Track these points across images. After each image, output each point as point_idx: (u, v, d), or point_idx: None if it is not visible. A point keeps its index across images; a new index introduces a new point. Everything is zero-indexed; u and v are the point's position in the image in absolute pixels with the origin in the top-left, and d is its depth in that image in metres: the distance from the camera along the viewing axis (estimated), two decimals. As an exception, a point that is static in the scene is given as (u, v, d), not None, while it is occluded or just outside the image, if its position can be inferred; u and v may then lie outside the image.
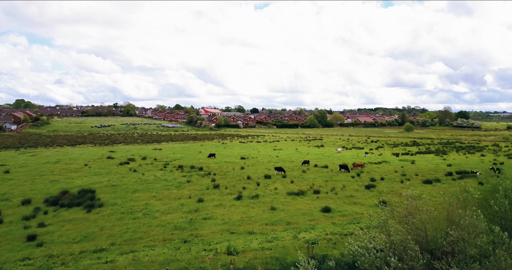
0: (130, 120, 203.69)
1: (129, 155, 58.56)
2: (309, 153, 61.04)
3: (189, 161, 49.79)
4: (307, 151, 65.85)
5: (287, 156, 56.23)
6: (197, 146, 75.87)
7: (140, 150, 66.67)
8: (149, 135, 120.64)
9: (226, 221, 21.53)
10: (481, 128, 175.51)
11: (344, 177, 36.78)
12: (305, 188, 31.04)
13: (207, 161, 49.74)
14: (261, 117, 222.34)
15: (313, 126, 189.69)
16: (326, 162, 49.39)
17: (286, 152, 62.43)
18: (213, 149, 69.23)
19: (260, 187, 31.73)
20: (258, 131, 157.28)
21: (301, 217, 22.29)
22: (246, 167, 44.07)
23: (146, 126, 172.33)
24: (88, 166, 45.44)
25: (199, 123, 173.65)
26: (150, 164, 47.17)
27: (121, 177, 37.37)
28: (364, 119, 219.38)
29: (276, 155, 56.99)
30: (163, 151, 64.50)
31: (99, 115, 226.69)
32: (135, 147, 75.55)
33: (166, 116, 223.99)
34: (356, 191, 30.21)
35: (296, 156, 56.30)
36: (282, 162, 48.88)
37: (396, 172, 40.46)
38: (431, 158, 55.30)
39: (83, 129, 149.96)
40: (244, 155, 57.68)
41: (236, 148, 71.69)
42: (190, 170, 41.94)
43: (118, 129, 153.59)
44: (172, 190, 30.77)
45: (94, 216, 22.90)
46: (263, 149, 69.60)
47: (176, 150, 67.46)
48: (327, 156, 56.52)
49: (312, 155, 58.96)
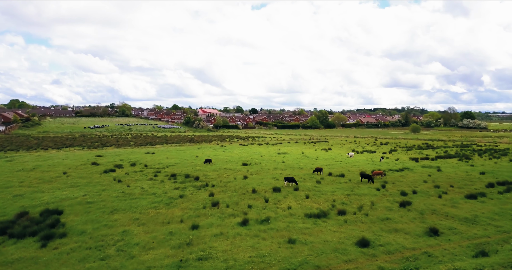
0: (125, 121, 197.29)
1: (117, 160, 52.41)
2: (318, 158, 55.02)
3: (183, 168, 43.69)
4: (315, 155, 59.82)
5: (294, 162, 50.20)
6: (193, 150, 69.75)
7: (131, 154, 60.49)
8: (143, 136, 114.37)
9: (230, 263, 15.48)
10: (487, 129, 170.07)
11: (367, 190, 30.79)
12: (326, 207, 25.01)
13: (205, 168, 43.64)
14: (261, 117, 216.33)
15: (314, 127, 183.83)
16: (340, 169, 43.42)
17: (292, 157, 56.39)
18: (211, 152, 63.12)
19: (270, 204, 25.68)
20: (258, 132, 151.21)
21: (333, 256, 16.26)
22: (249, 176, 38.02)
23: (142, 127, 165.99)
24: (66, 175, 39.24)
25: (196, 124, 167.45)
26: (139, 172, 41.06)
27: (101, 189, 31.24)
28: (366, 120, 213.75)
29: (282, 161, 50.94)
30: (155, 156, 58.34)
31: (94, 115, 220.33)
32: (126, 150, 69.34)
33: (163, 117, 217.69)
34: (390, 211, 24.21)
35: (305, 162, 50.27)
36: (290, 169, 42.88)
37: (426, 183, 34.54)
38: (455, 164, 49.37)
39: (75, 130, 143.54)
40: (246, 160, 51.63)
41: (236, 151, 65.62)
42: (184, 180, 35.84)
43: (112, 130, 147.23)
44: (160, 209, 24.67)
45: (49, 255, 16.76)
46: (266, 152, 63.56)
47: (171, 154, 61.30)
48: (339, 162, 50.51)
49: (321, 160, 52.95)
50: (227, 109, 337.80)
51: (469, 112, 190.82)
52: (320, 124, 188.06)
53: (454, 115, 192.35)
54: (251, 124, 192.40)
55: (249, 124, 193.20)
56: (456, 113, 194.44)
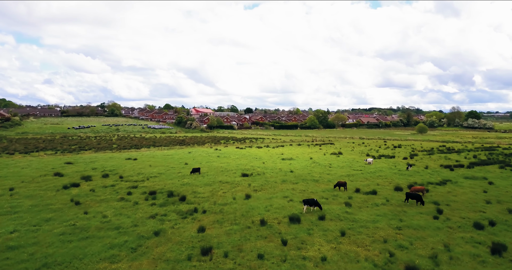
0: (113, 121, 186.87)
1: (89, 169, 42.97)
2: (332, 165, 46.05)
3: (168, 182, 34.46)
4: (325, 161, 50.88)
5: (304, 171, 41.18)
6: (183, 154, 60.40)
7: (108, 161, 51.01)
8: (130, 138, 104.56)
9: None
10: (494, 129, 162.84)
11: (422, 218, 21.96)
12: (378, 254, 16.11)
13: (194, 181, 34.44)
14: (257, 117, 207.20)
15: (313, 127, 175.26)
16: (366, 182, 34.53)
17: (300, 164, 47.36)
18: (204, 158, 53.86)
19: (291, 251, 16.65)
20: (255, 133, 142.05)
21: None
22: (253, 193, 28.95)
23: (130, 127, 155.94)
24: (12, 192, 29.83)
25: (189, 124, 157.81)
26: (109, 188, 31.77)
27: (45, 219, 21.95)
28: (366, 119, 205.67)
29: (289, 169, 41.87)
30: (137, 163, 48.96)
31: (81, 115, 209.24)
32: (104, 155, 59.76)
33: (154, 116, 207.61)
34: (483, 264, 15.31)
35: (317, 171, 41.26)
36: (302, 182, 33.88)
37: (491, 204, 25.90)
38: (500, 173, 40.75)
39: (57, 131, 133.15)
40: (245, 168, 42.55)
41: (233, 156, 56.42)
42: (166, 200, 26.69)
43: (97, 131, 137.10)
44: (118, 263, 15.49)
45: None
46: (267, 158, 54.48)
47: (155, 160, 51.93)
48: (358, 171, 41.59)
49: (336, 168, 43.99)
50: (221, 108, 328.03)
51: (474, 112, 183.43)
52: (319, 124, 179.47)
53: (458, 114, 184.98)
54: (247, 124, 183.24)
55: (244, 124, 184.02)
56: (461, 113, 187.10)
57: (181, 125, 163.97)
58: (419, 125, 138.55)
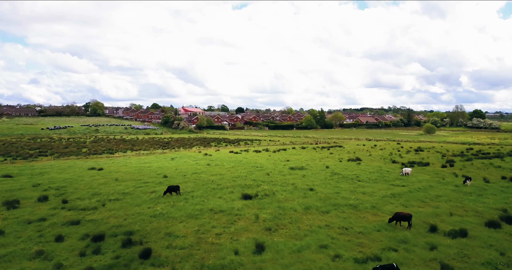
0: (95, 121, 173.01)
1: (28, 186, 30.80)
2: (360, 178, 34.62)
3: (130, 211, 22.60)
4: (347, 170, 39.50)
5: (329, 188, 29.68)
6: (164, 162, 48.37)
7: (63, 172, 38.73)
8: (107, 140, 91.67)
9: None
10: (500, 129, 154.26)
11: None
12: None
13: (172, 212, 22.64)
14: (250, 117, 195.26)
15: (310, 127, 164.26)
16: (431, 209, 23.29)
17: (318, 176, 35.80)
18: (189, 168, 41.96)
19: None
20: (249, 133, 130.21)
21: None
22: (266, 239, 17.49)
23: (112, 127, 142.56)
24: None
25: (176, 124, 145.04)
26: (33, 225, 19.94)
27: None
28: (365, 119, 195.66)
29: (308, 186, 30.29)
30: (100, 175, 36.82)
31: (60, 115, 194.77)
32: (64, 163, 47.34)
33: (139, 116, 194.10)
34: None
35: (347, 188, 29.77)
36: (337, 212, 22.44)
37: None
38: None
39: (28, 132, 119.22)
40: (246, 184, 30.90)
41: (227, 164, 44.63)
42: (118, 255, 14.91)
43: (73, 132, 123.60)
44: None
45: None
46: (271, 166, 42.90)
47: (126, 171, 39.83)
48: (402, 187, 30.27)
49: (368, 182, 32.57)
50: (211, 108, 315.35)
51: (479, 111, 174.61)
52: (316, 124, 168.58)
53: (462, 114, 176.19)
54: (239, 124, 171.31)
55: (237, 124, 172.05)
56: (465, 112, 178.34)
57: (167, 126, 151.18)
58: (427, 125, 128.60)
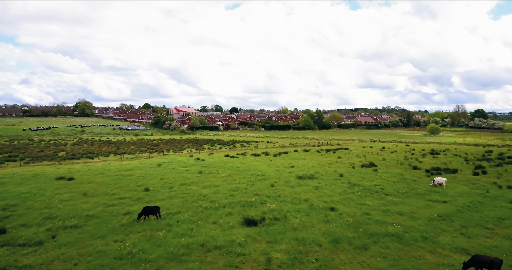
0: (82, 121, 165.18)
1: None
2: (386, 191, 28.32)
3: (87, 250, 15.89)
4: (365, 180, 33.23)
5: (353, 207, 23.35)
6: (149, 169, 41.63)
7: (23, 184, 31.84)
8: (90, 142, 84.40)
9: None
10: (504, 129, 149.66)
11: None
12: None
13: (147, 249, 15.99)
14: (245, 117, 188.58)
15: (308, 128, 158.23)
16: (507, 242, 16.84)
17: (334, 189, 29.40)
18: (178, 176, 35.32)
19: None
20: (245, 134, 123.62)
21: None
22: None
23: (99, 128, 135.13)
24: None
25: (167, 125, 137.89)
26: None
27: None
28: (364, 119, 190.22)
29: (327, 205, 23.90)
30: (67, 188, 30.06)
31: (46, 115, 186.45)
32: (31, 170, 40.31)
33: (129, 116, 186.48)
34: None
35: (374, 206, 23.41)
36: (379, 248, 15.98)
37: None
38: None
39: (8, 133, 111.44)
40: (247, 202, 24.40)
41: (223, 172, 38.05)
42: None
43: (57, 133, 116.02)
44: None
45: None
46: (274, 174, 36.46)
47: (101, 181, 33.05)
48: (451, 206, 23.93)
49: (399, 196, 26.25)
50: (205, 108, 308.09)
51: (481, 111, 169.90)
52: (314, 124, 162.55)
53: (463, 114, 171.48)
54: (234, 125, 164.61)
55: (231, 124, 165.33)
56: (466, 112, 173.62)
57: (158, 126, 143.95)
58: (431, 126, 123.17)
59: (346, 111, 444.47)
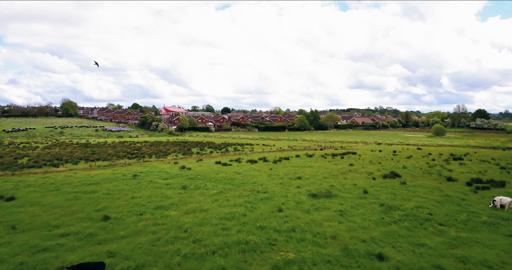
0: (64, 122, 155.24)
1: None
2: (439, 219, 20.65)
3: None
4: (404, 200, 25.68)
5: (413, 256, 15.47)
6: (119, 182, 33.37)
7: None
8: (65, 145, 75.37)
9: None
10: (506, 130, 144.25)
11: None
12: None
13: None
14: (238, 117, 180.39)
15: (303, 129, 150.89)
16: None
17: (367, 216, 21.60)
18: (154, 194, 27.17)
19: None
20: (238, 136, 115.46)
21: None
22: None
23: (81, 129, 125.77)
24: None
25: (154, 126, 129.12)
26: None
27: None
28: (361, 120, 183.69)
29: (369, 247, 16.19)
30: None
31: (26, 115, 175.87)
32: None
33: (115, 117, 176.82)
34: None
35: (435, 245, 15.67)
36: None
37: None
38: None
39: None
40: (248, 242, 16.37)
41: (214, 188, 29.95)
42: None
43: (33, 135, 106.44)
44: None
45: None
46: (280, 190, 28.61)
47: (49, 204, 24.77)
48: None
49: (463, 230, 18.61)
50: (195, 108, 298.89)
51: (483, 111, 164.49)
52: (310, 125, 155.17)
53: (464, 114, 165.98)
54: (226, 126, 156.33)
55: (223, 125, 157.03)
56: (467, 113, 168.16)
57: (145, 127, 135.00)
58: (436, 126, 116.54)
59: (339, 111, 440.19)
